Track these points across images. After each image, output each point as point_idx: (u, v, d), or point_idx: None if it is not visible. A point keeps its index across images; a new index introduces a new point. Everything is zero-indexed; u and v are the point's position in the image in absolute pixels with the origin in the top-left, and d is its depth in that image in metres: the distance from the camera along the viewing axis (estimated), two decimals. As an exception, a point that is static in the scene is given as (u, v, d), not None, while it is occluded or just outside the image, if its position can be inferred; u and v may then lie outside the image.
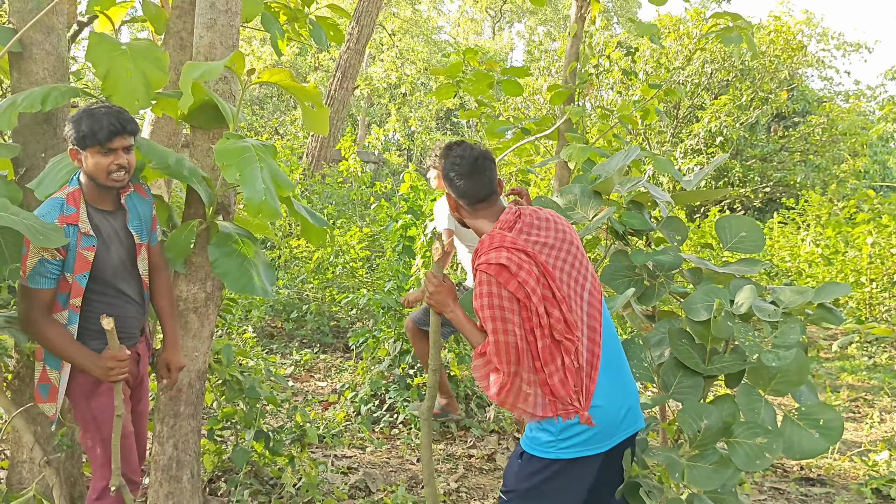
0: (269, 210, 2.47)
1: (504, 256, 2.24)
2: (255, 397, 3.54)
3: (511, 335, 2.20)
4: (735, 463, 2.68)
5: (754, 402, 2.73)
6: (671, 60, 14.32)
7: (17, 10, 3.24)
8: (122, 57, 2.81)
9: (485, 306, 2.22)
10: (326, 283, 7.56)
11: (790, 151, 16.44)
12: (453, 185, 2.41)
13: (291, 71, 3.03)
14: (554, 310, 2.24)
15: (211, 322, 3.11)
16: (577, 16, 5.43)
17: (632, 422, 2.40)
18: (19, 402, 3.07)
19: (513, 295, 2.21)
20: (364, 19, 12.20)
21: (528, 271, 2.23)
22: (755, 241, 3.10)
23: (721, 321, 2.73)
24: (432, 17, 27.37)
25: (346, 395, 5.47)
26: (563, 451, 2.27)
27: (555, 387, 2.23)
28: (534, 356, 2.23)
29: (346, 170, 9.99)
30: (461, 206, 2.44)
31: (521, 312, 2.22)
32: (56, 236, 2.39)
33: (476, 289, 2.26)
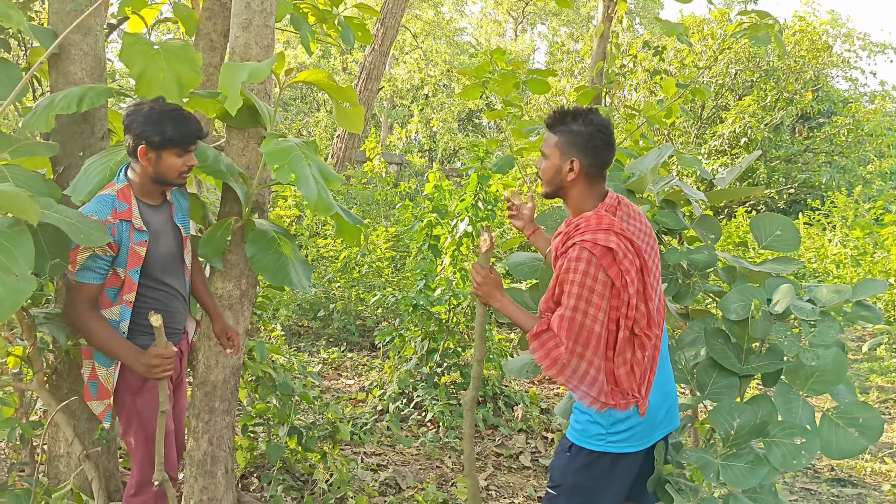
0: (325, 205, 2.51)
1: (613, 241, 2.19)
2: (288, 393, 3.57)
3: (591, 319, 2.16)
4: (771, 462, 2.67)
5: (792, 401, 2.72)
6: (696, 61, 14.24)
7: (56, 10, 3.29)
8: (156, 57, 2.85)
9: (575, 282, 2.15)
10: (353, 283, 7.60)
11: (815, 153, 16.30)
12: (590, 151, 2.26)
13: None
14: (642, 304, 2.22)
15: (245, 319, 3.15)
16: (604, 16, 5.44)
17: (671, 420, 2.43)
18: (57, 397, 3.11)
19: (610, 280, 2.17)
20: (388, 21, 12.25)
21: (631, 261, 2.21)
22: (790, 239, 3.08)
23: (758, 320, 2.72)
24: (455, 18, 27.39)
25: (373, 394, 5.50)
26: (612, 445, 2.28)
27: (620, 378, 2.22)
28: (608, 345, 2.21)
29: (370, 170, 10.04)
30: (583, 175, 2.29)
31: (613, 300, 2.18)
32: (98, 235, 2.42)
33: (571, 262, 2.18)
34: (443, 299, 5.45)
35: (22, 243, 2.04)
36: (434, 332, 5.48)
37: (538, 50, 30.90)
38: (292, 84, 2.95)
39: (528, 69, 5.27)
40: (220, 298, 3.05)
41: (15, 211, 2.02)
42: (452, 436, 4.91)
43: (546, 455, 4.76)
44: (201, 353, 3.09)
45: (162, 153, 2.58)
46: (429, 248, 5.72)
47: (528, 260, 3.21)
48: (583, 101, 5.37)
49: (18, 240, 2.04)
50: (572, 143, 2.27)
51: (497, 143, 6.42)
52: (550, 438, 5.06)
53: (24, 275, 1.96)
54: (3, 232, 2.02)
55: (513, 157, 5.42)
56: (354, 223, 3.09)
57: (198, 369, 3.09)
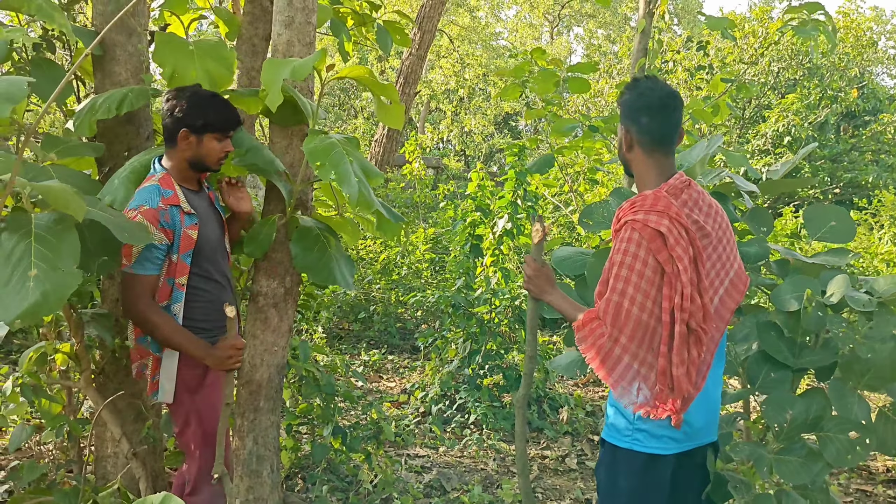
0: (366, 203, 2.49)
1: (665, 224, 2.05)
2: (332, 393, 3.55)
3: (634, 304, 2.03)
4: (825, 457, 2.58)
5: (847, 395, 2.62)
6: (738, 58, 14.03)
7: (100, 12, 3.32)
8: (189, 56, 2.86)
9: (624, 264, 2.05)
10: (393, 285, 7.59)
11: (861, 151, 15.95)
12: (634, 116, 2.19)
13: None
14: (697, 297, 2.08)
15: (289, 317, 3.13)
16: (645, 11, 5.34)
17: (710, 432, 2.29)
18: (104, 395, 3.12)
19: (660, 265, 2.04)
20: (426, 25, 12.27)
21: (685, 248, 2.05)
22: (845, 230, 2.98)
23: (812, 312, 2.63)
24: (490, 23, 27.39)
25: (415, 396, 5.46)
26: (638, 443, 2.14)
27: (678, 379, 2.05)
28: (663, 339, 2.06)
29: (409, 173, 10.06)
30: (635, 143, 2.21)
31: (665, 289, 2.04)
32: (141, 234, 2.42)
33: (621, 243, 2.08)
34: (482, 299, 5.40)
35: (67, 239, 2.05)
36: (476, 334, 5.43)
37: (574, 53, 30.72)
38: (330, 91, 2.96)
39: (568, 66, 5.21)
40: (265, 296, 3.03)
41: (60, 207, 2.02)
42: (496, 438, 4.85)
43: (592, 458, 4.68)
44: (246, 351, 3.07)
45: (203, 137, 2.62)
46: (470, 248, 5.68)
47: (574, 254, 3.14)
48: (624, 98, 5.29)
49: (64, 235, 2.04)
50: (624, 113, 2.23)
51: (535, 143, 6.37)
52: (597, 441, 4.98)
53: (70, 270, 1.97)
54: (49, 227, 2.03)
55: (552, 157, 5.36)
56: (395, 220, 3.06)
57: (243, 368, 3.07)
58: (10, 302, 1.81)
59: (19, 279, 1.85)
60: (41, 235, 1.94)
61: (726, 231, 2.24)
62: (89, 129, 2.91)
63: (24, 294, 1.83)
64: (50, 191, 1.94)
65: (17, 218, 1.96)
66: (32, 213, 1.94)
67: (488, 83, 19.97)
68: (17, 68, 3.06)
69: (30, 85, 1.86)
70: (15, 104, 1.69)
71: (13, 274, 1.85)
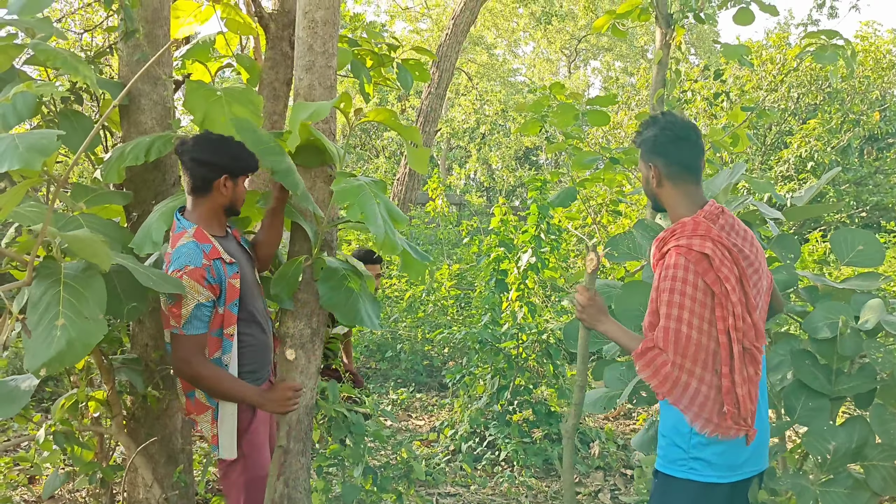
0: (391, 245, 2.52)
1: (709, 247, 2.11)
2: (362, 433, 3.54)
3: (693, 328, 2.06)
4: (871, 486, 2.53)
5: (888, 421, 2.58)
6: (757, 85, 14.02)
7: (126, 62, 3.40)
8: (218, 102, 2.92)
9: (675, 290, 2.08)
10: (419, 322, 7.58)
11: (886, 174, 15.80)
12: (660, 150, 2.25)
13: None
14: (747, 315, 2.12)
15: (317, 358, 3.14)
16: (662, 42, 5.38)
17: (761, 458, 2.27)
18: (136, 441, 3.14)
19: (709, 287, 2.09)
20: (444, 64, 12.42)
21: (730, 269, 2.11)
22: (874, 253, 2.95)
23: (847, 337, 2.59)
24: (508, 60, 27.65)
25: (445, 433, 5.43)
26: (694, 472, 2.15)
27: (743, 399, 2.08)
28: (723, 360, 2.09)
29: (433, 210, 10.13)
30: (664, 177, 2.27)
31: (717, 310, 2.09)
32: (174, 284, 2.45)
33: (667, 270, 2.12)
34: (509, 334, 5.38)
35: (94, 287, 2.08)
36: (503, 369, 5.40)
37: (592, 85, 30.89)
38: (352, 132, 2.98)
39: (587, 98, 5.24)
40: (292, 337, 3.05)
41: (88, 256, 2.06)
42: (528, 474, 4.79)
43: (626, 492, 4.61)
44: (275, 393, 3.08)
45: (237, 180, 2.64)
46: (495, 283, 5.67)
47: (600, 287, 3.13)
48: (644, 130, 5.30)
49: (91, 284, 2.08)
50: (647, 150, 2.29)
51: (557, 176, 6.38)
52: (630, 475, 4.90)
53: (95, 317, 1.99)
54: (77, 276, 2.06)
55: (574, 189, 5.37)
56: (422, 259, 3.08)
57: (271, 410, 3.08)
58: (37, 350, 1.84)
59: (46, 327, 1.88)
60: (69, 284, 1.97)
61: (759, 254, 2.27)
62: (118, 177, 2.97)
63: (50, 342, 1.85)
64: (78, 240, 1.98)
65: (48, 266, 2.00)
66: (62, 262, 1.97)
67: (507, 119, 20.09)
68: (47, 121, 3.14)
69: (59, 137, 1.91)
70: (46, 157, 1.73)
71: (41, 322, 1.88)
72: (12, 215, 2.17)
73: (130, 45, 3.34)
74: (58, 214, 2.55)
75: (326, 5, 3.06)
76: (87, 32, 4.66)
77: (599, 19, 5.71)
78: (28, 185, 1.92)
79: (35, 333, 1.86)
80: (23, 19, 2.80)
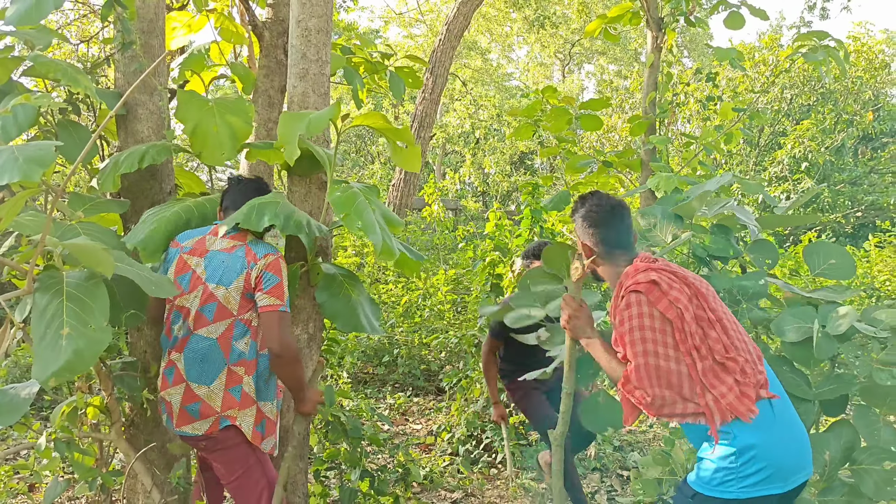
0: (389, 251, 2.58)
1: (653, 275, 2.21)
2: (359, 437, 3.57)
3: (661, 358, 2.13)
4: (864, 491, 2.55)
5: (873, 423, 2.61)
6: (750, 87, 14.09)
7: (123, 72, 3.43)
8: (210, 112, 2.97)
9: (634, 328, 2.16)
10: (415, 327, 7.62)
11: (880, 173, 15.89)
12: (591, 231, 2.41)
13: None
14: (711, 330, 2.18)
15: (314, 362, 3.17)
16: (653, 46, 5.42)
17: (805, 466, 2.24)
18: (135, 447, 3.17)
19: (663, 315, 2.16)
20: (437, 70, 12.45)
21: (680, 289, 2.20)
22: (844, 267, 2.99)
23: (820, 341, 2.62)
24: (502, 65, 27.70)
25: (442, 437, 5.46)
26: (744, 490, 2.12)
27: (731, 405, 2.11)
28: (694, 379, 2.14)
29: (429, 215, 10.15)
30: (598, 254, 2.41)
31: (675, 335, 2.16)
32: (168, 287, 2.48)
33: (623, 312, 2.21)
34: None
35: (98, 296, 2.10)
36: (500, 372, 5.43)
37: (586, 89, 30.92)
38: (346, 138, 3.03)
39: (580, 103, 5.28)
40: (289, 343, 3.08)
41: (90, 264, 2.08)
42: (525, 476, 4.82)
43: (623, 494, 4.64)
44: (272, 398, 3.12)
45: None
46: (490, 287, 5.71)
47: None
48: (636, 133, 5.33)
49: (94, 292, 2.10)
50: (581, 228, 2.45)
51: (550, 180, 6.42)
52: (626, 476, 4.94)
53: (101, 326, 2.02)
54: (80, 285, 2.09)
55: (568, 193, 5.40)
56: (416, 258, 3.12)
57: (269, 414, 3.11)
58: (44, 360, 1.87)
59: (52, 337, 1.90)
60: (72, 293, 1.99)
61: (704, 282, 2.35)
62: (113, 185, 3.01)
63: (57, 352, 1.88)
64: (80, 249, 2.01)
65: (50, 276, 2.02)
66: (64, 272, 2.00)
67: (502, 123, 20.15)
68: (44, 132, 3.17)
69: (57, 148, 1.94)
70: (45, 168, 1.76)
71: (46, 332, 1.90)
72: (13, 225, 2.20)
73: (127, 56, 3.38)
74: (57, 223, 2.58)
75: (319, 14, 3.10)
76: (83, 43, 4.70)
77: (591, 24, 5.76)
78: (27, 196, 1.95)
79: (42, 344, 1.89)
80: (21, 30, 2.84)
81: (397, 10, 20.54)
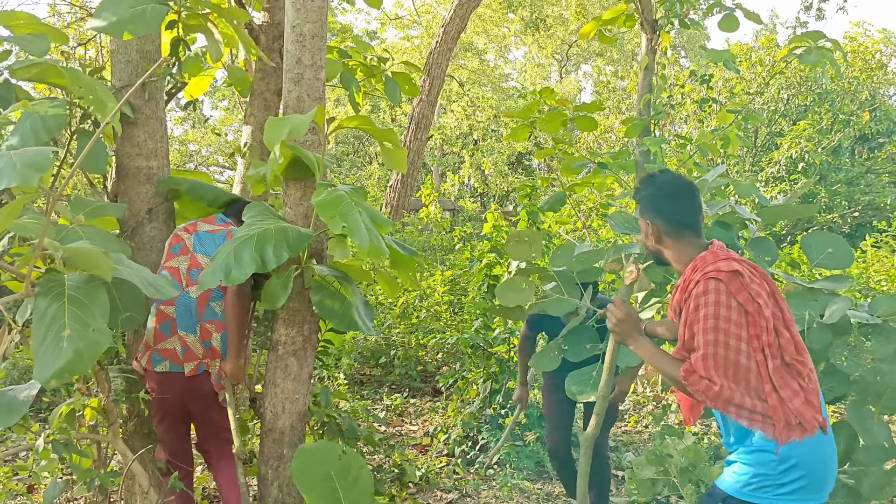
0: (377, 252, 2.58)
1: (736, 265, 2.14)
2: (354, 437, 3.60)
3: (732, 351, 2.07)
4: (863, 492, 2.58)
5: (867, 419, 2.64)
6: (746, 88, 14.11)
7: (119, 77, 3.46)
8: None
9: (709, 316, 2.09)
10: (412, 328, 7.64)
11: (877, 173, 15.91)
12: (658, 209, 2.33)
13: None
14: (784, 330, 2.14)
15: (309, 364, 3.20)
16: (648, 48, 5.45)
17: (833, 481, 2.21)
18: (132, 449, 3.19)
19: (742, 307, 2.10)
20: (434, 72, 12.48)
21: (760, 284, 2.15)
22: (842, 256, 3.03)
23: (815, 330, 2.66)
24: (499, 66, 27.71)
25: (438, 438, 5.48)
26: (780, 498, 2.09)
27: (798, 410, 2.06)
28: (763, 377, 2.09)
29: (426, 216, 10.19)
30: (665, 235, 2.33)
31: (750, 329, 2.10)
32: (166, 288, 2.52)
33: (699, 298, 2.13)
34: (500, 338, 5.45)
35: (98, 298, 2.14)
36: (495, 373, 5.46)
37: (584, 90, 30.96)
38: (345, 139, 3.06)
39: (575, 105, 5.31)
40: (285, 345, 3.11)
41: (90, 267, 2.11)
42: (520, 477, 4.85)
43: (617, 493, 4.67)
44: (267, 400, 3.15)
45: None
46: (487, 289, 5.74)
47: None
48: (631, 134, 5.36)
49: (94, 295, 2.13)
50: (647, 207, 2.36)
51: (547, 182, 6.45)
52: (621, 476, 4.96)
53: (101, 328, 2.05)
54: (81, 288, 2.12)
55: (563, 194, 5.43)
56: (409, 255, 3.14)
57: (265, 416, 3.14)
58: (46, 361, 1.90)
59: (53, 339, 1.93)
60: (73, 296, 2.02)
61: (772, 282, 2.28)
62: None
63: (58, 353, 1.91)
64: (80, 252, 2.04)
65: (51, 279, 2.05)
66: (65, 274, 2.03)
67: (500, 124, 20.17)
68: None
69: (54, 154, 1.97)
70: (43, 173, 1.79)
71: (47, 334, 1.93)
72: (15, 227, 2.23)
73: (123, 60, 3.41)
74: (58, 227, 2.60)
75: (314, 19, 3.12)
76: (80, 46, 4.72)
77: (586, 26, 5.78)
78: (27, 200, 1.98)
79: (43, 346, 1.92)
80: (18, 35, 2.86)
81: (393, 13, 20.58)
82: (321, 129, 3.04)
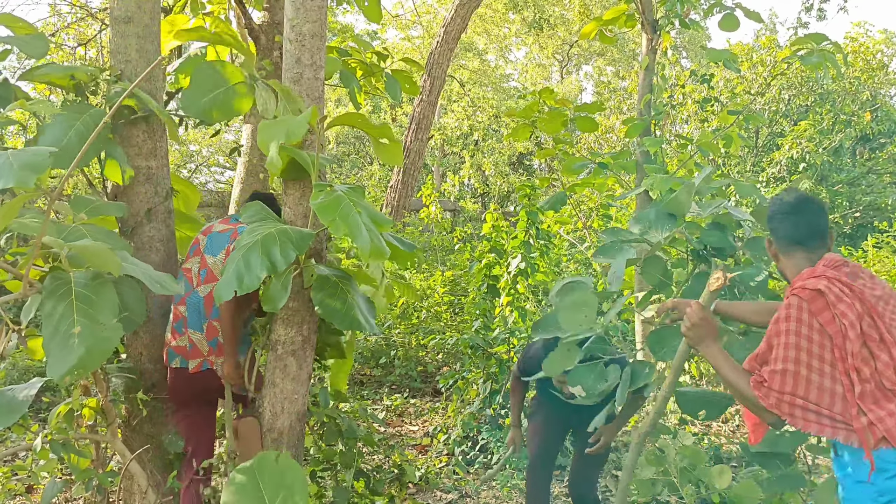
0: (378, 252, 2.57)
1: (823, 283, 2.10)
2: (354, 437, 3.59)
3: (814, 371, 2.03)
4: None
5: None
6: (747, 88, 14.10)
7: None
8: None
9: (790, 331, 2.07)
10: (412, 329, 7.64)
11: (879, 174, 15.89)
12: (772, 228, 2.38)
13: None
14: (882, 353, 2.05)
15: (308, 364, 3.20)
16: (648, 48, 5.45)
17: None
18: (131, 448, 3.19)
19: (823, 328, 2.06)
20: (435, 72, 12.47)
21: (849, 305, 2.07)
22: None
23: None
24: (500, 66, 27.70)
25: (438, 438, 5.48)
26: None
27: (890, 430, 1.97)
28: (850, 401, 2.02)
29: (427, 217, 10.19)
30: (779, 248, 2.35)
31: (834, 350, 2.05)
32: (171, 284, 2.54)
33: (781, 312, 2.11)
34: (500, 339, 5.44)
35: (105, 295, 2.15)
36: (495, 373, 5.46)
37: (585, 90, 30.94)
38: (345, 140, 3.05)
39: (575, 106, 5.31)
40: (284, 345, 3.10)
41: (98, 265, 2.12)
42: (520, 477, 4.85)
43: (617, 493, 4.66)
44: (266, 400, 3.14)
45: None
46: (487, 289, 5.74)
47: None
48: (631, 134, 5.36)
49: (102, 292, 2.14)
50: (767, 226, 2.43)
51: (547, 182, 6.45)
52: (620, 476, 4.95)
53: (110, 324, 2.06)
54: (88, 285, 2.12)
55: (564, 194, 5.43)
56: (409, 249, 3.14)
57: (264, 416, 3.14)
58: (58, 358, 1.91)
59: (64, 336, 1.94)
60: (81, 293, 2.03)
61: (893, 293, 2.22)
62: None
63: (69, 350, 1.92)
64: (87, 250, 2.04)
65: (58, 277, 2.06)
66: (71, 273, 2.04)
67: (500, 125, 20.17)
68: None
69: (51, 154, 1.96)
70: (40, 174, 1.79)
71: (56, 332, 1.94)
72: (18, 226, 2.23)
73: (122, 60, 3.40)
74: (61, 225, 2.60)
75: (313, 18, 3.12)
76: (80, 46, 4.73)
77: (587, 26, 5.78)
78: (25, 199, 1.98)
79: (53, 343, 1.93)
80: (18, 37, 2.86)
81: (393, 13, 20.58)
82: (315, 130, 3.03)
